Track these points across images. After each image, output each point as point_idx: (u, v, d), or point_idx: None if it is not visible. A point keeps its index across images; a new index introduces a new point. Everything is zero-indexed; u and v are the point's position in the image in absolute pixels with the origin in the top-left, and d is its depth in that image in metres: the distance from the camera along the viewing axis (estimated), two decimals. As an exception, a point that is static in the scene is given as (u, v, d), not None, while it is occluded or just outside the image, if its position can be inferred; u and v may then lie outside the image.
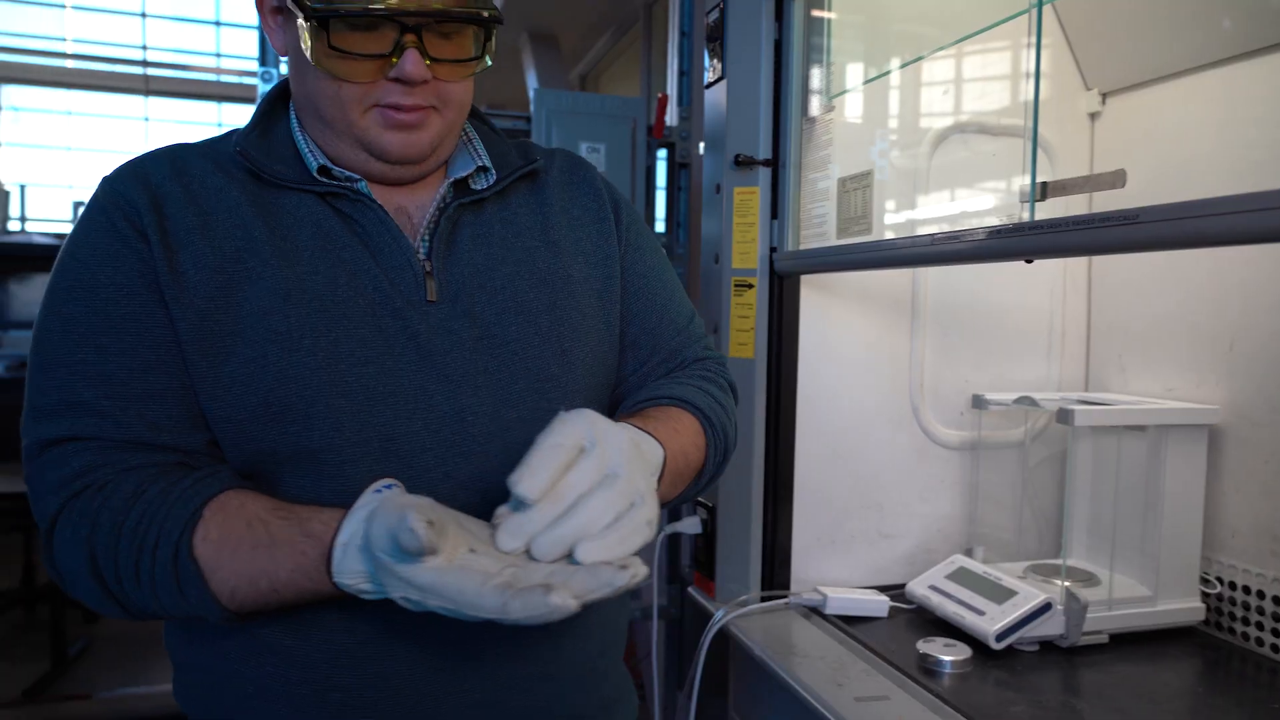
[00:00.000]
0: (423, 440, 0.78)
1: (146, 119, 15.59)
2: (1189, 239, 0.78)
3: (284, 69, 2.28)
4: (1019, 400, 1.44)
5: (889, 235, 1.45)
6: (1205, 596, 1.34)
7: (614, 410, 0.95)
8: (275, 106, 0.88)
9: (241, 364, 0.75)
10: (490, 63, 0.82)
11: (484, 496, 0.75)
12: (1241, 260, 1.33)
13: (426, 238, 0.84)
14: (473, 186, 0.88)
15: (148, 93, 14.99)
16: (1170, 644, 1.29)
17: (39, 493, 0.75)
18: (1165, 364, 1.47)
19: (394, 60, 0.76)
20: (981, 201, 1.57)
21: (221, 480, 0.75)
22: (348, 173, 0.82)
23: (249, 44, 15.70)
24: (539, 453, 0.67)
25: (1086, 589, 1.32)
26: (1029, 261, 1.03)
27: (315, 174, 0.82)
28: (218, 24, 16.19)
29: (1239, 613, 1.31)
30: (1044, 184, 1.05)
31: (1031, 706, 1.08)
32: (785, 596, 1.43)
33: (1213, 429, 1.34)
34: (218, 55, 16.26)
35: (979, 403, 1.49)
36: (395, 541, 0.61)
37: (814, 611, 1.39)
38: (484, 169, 0.89)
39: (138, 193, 0.78)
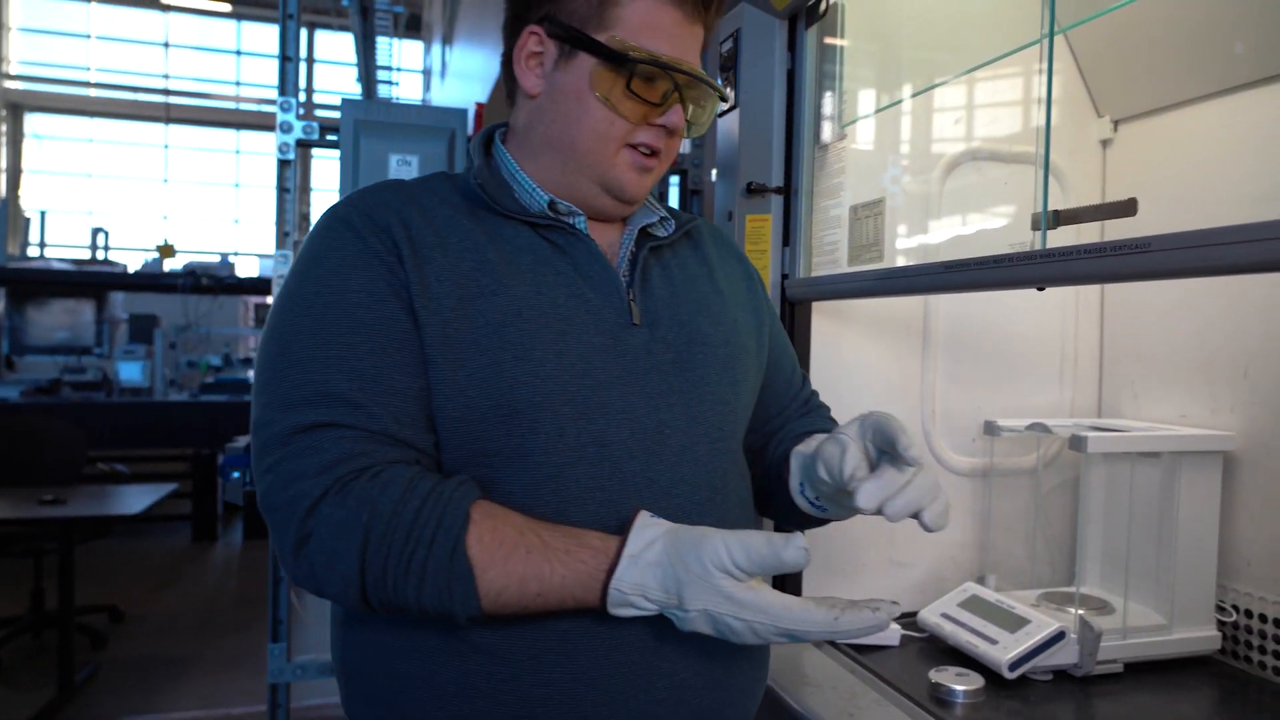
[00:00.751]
0: (630, 448, 0.86)
1: (167, 146, 15.83)
2: (1201, 268, 0.78)
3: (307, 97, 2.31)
4: (1031, 427, 1.44)
5: (900, 262, 1.45)
6: (1221, 625, 1.32)
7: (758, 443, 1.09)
8: (484, 149, 1.00)
9: (477, 369, 0.83)
10: (704, 131, 1.00)
11: (679, 502, 0.87)
12: (1257, 287, 1.33)
13: (626, 271, 0.96)
14: (656, 234, 1.00)
15: (168, 120, 15.23)
16: (1186, 673, 1.28)
17: (292, 476, 0.78)
18: (1179, 390, 1.47)
19: (661, 109, 0.91)
20: (993, 228, 1.58)
21: (475, 488, 0.81)
22: (572, 206, 0.94)
23: (268, 73, 15.96)
24: (903, 429, 0.80)
25: (1100, 617, 1.31)
26: (1041, 289, 1.03)
27: (545, 209, 0.93)
28: (238, 53, 16.46)
29: (1255, 641, 1.29)
30: (1055, 212, 1.06)
31: (1046, 737, 1.07)
32: (797, 623, 1.42)
33: (1227, 456, 1.34)
34: (237, 84, 16.52)
35: (991, 429, 1.49)
36: (764, 556, 0.73)
37: (825, 640, 1.38)
38: (664, 220, 1.01)
39: (385, 214, 0.88)
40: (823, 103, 1.51)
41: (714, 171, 1.65)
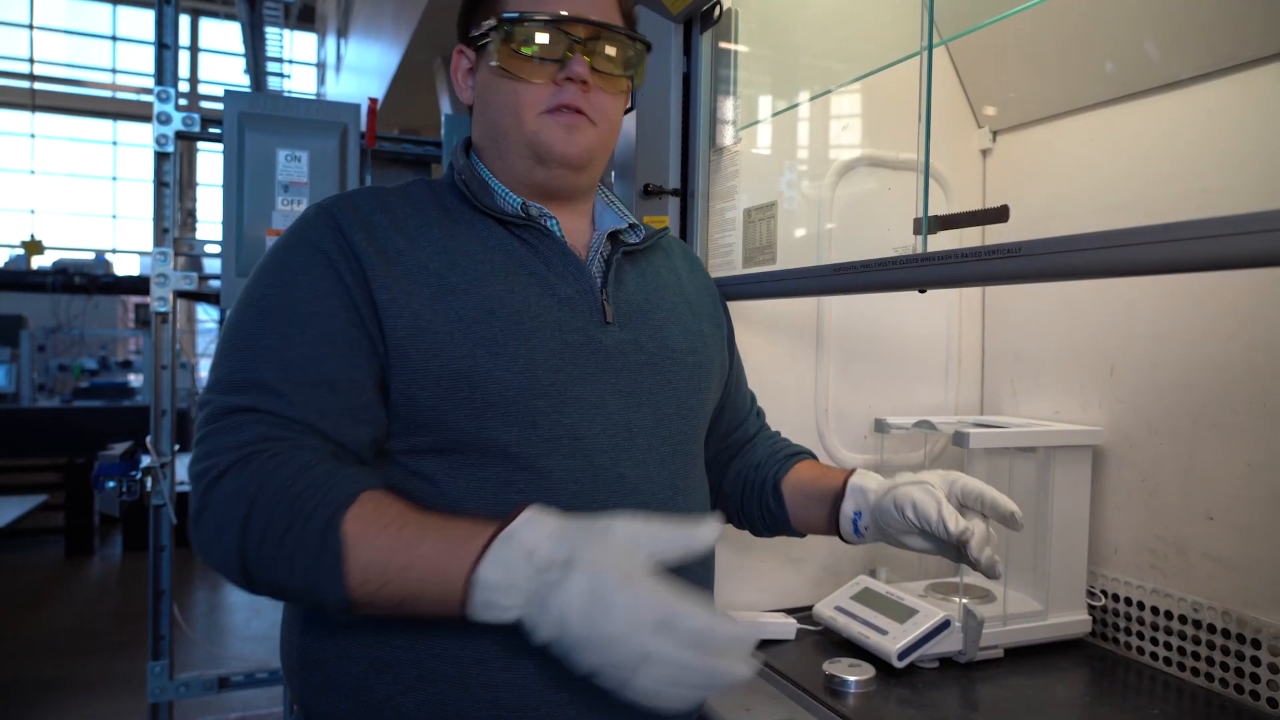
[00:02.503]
0: (602, 442, 0.90)
1: (33, 135, 14.84)
2: (1066, 271, 0.83)
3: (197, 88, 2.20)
4: (918, 424, 1.49)
5: (793, 264, 1.48)
6: (1091, 609, 1.41)
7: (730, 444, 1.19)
8: (464, 153, 1.04)
9: (450, 360, 0.85)
10: (639, 84, 1.01)
11: (644, 498, 0.91)
12: (1121, 291, 1.41)
13: (600, 271, 0.98)
14: (626, 240, 1.02)
15: (34, 108, 14.27)
16: (1061, 656, 1.35)
17: (213, 450, 0.80)
18: (1052, 388, 1.55)
19: (563, 65, 0.93)
20: (880, 233, 1.63)
21: (378, 479, 0.82)
22: (543, 209, 0.97)
23: (145, 60, 15.14)
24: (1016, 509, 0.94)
25: (983, 605, 1.37)
26: (922, 291, 1.07)
27: (519, 210, 0.96)
28: (114, 39, 15.57)
29: (1122, 624, 1.38)
30: (935, 217, 1.10)
31: (932, 723, 1.11)
32: (696, 622, 1.43)
33: (1096, 450, 1.42)
34: (113, 71, 15.63)
35: (881, 426, 1.53)
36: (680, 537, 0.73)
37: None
38: (634, 226, 1.04)
39: (350, 219, 0.90)
40: (718, 106, 1.53)
41: (612, 173, 1.65)
